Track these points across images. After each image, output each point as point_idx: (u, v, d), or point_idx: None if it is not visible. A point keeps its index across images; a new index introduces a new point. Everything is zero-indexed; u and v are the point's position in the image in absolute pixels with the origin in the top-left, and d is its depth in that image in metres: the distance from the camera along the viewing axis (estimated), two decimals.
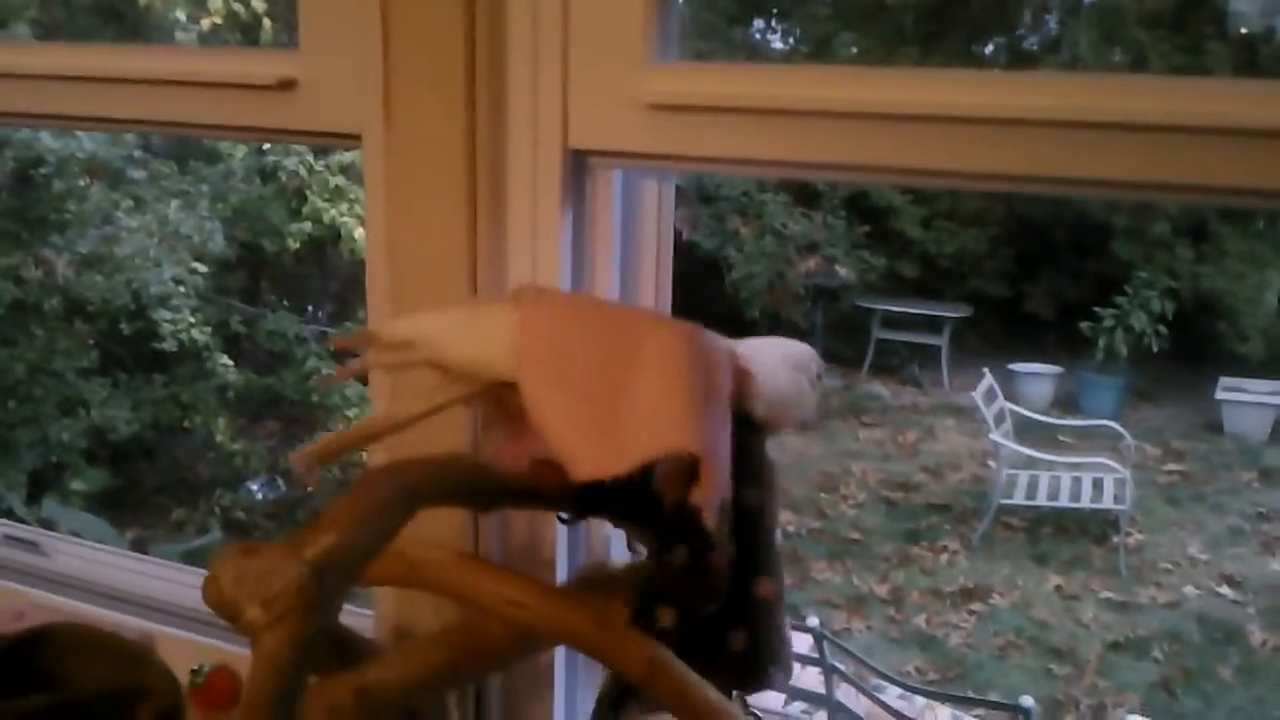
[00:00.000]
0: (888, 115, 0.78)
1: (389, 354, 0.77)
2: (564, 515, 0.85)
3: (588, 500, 0.70)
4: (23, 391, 4.58)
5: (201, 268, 5.21)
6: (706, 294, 9.05)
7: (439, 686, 0.73)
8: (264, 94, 0.95)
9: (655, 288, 0.97)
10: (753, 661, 0.74)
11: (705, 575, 0.68)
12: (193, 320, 4.91)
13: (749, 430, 0.75)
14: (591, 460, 0.62)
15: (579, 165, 0.89)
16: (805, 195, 9.08)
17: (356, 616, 1.12)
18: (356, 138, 0.93)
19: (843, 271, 9.01)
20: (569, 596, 0.66)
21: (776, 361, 0.76)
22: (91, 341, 4.81)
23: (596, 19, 0.84)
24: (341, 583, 0.47)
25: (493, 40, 0.86)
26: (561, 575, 0.94)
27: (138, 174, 4.72)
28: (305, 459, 0.72)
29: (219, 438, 5.47)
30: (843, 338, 9.59)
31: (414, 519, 0.70)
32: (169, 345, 4.86)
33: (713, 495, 0.62)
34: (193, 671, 1.06)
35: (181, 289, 4.91)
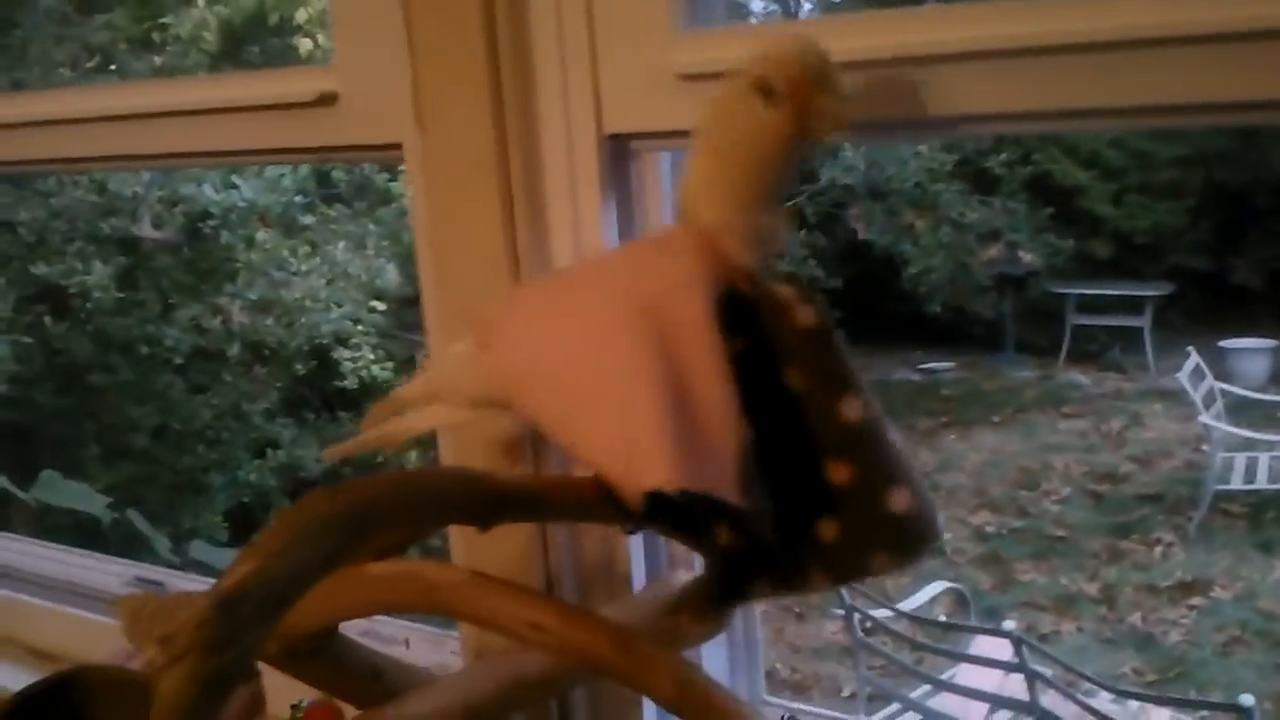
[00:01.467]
0: (971, 54, 0.69)
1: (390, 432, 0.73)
2: (629, 526, 0.80)
3: (586, 505, 0.64)
4: (211, 436, 4.81)
5: (380, 305, 5.37)
6: (885, 292, 8.85)
7: (485, 718, 0.68)
8: (305, 112, 0.93)
9: None
10: (851, 550, 0.64)
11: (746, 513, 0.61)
12: (372, 357, 5.06)
13: (768, 307, 0.64)
14: (629, 477, 0.57)
15: (620, 151, 0.83)
16: (982, 182, 8.77)
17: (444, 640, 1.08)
18: (398, 147, 0.90)
19: (1027, 257, 8.67)
20: (591, 618, 0.60)
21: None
22: (279, 385, 5.03)
23: None
24: (258, 616, 0.42)
25: (515, 26, 0.81)
26: (639, 590, 0.88)
27: (307, 219, 4.93)
28: (336, 455, 0.74)
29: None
30: (1036, 326, 9.21)
31: (484, 531, 0.66)
32: (350, 383, 5.02)
33: (725, 496, 0.56)
34: (292, 707, 1.04)
35: (360, 327, 5.07)
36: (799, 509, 0.65)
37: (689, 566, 0.90)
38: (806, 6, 10.31)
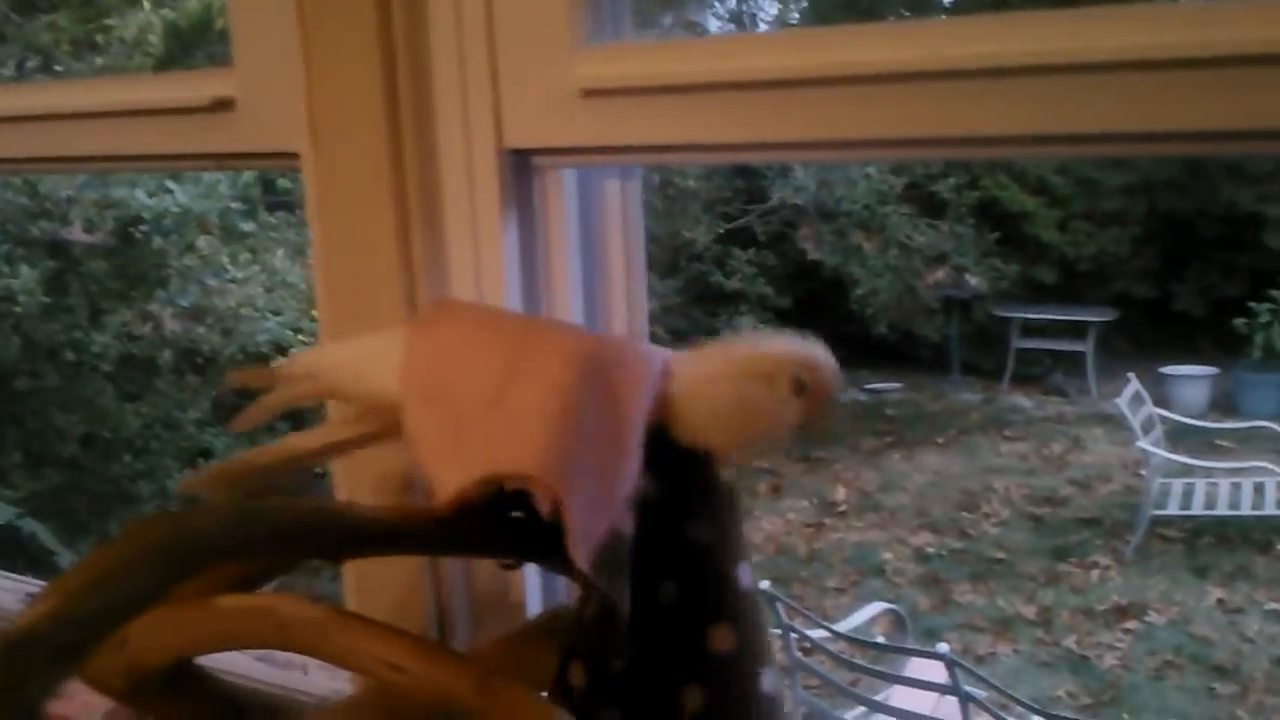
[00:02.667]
0: (856, 78, 0.67)
1: (291, 389, 0.69)
2: (508, 561, 0.77)
3: (451, 536, 0.61)
4: (140, 444, 4.71)
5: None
6: (833, 312, 8.89)
7: None
8: (201, 118, 0.89)
9: (626, 295, 0.87)
10: None
11: (613, 626, 0.57)
12: None
13: (692, 458, 0.64)
14: (442, 482, 0.54)
15: (521, 166, 0.81)
16: (930, 205, 8.85)
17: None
18: (295, 157, 0.86)
19: (973, 281, 8.75)
20: (453, 658, 0.57)
21: (718, 373, 0.65)
22: (214, 392, 4.93)
23: (519, 1, 0.76)
24: (49, 662, 0.39)
25: (412, 36, 0.78)
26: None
27: (248, 226, 4.85)
28: (194, 486, 0.65)
29: None
30: (981, 349, 9.30)
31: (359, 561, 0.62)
32: None
33: (573, 532, 0.53)
34: None
35: (300, 336, 4.99)
36: (666, 674, 0.64)
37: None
38: (763, 28, 10.38)
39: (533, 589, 0.86)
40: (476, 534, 0.59)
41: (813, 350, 0.65)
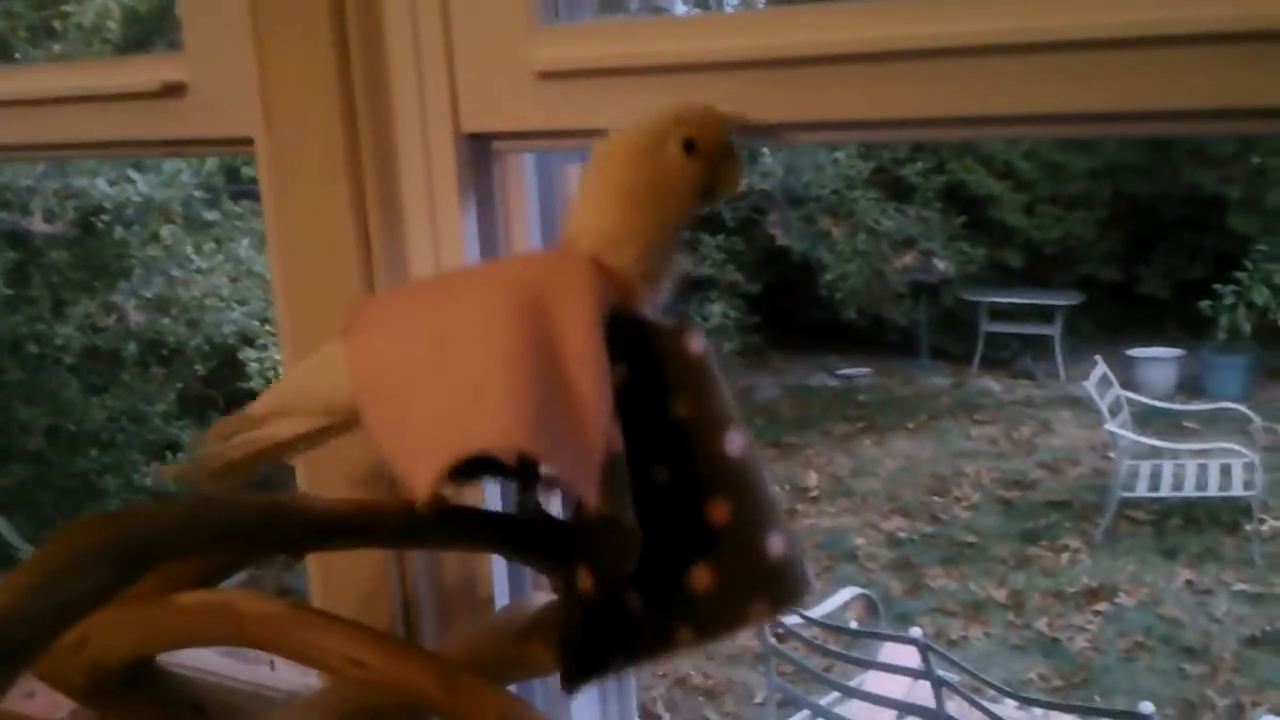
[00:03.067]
0: (818, 59, 0.66)
1: (272, 430, 0.68)
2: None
3: (414, 529, 0.59)
4: (106, 438, 4.65)
5: None
6: (803, 297, 8.90)
7: None
8: (151, 103, 0.87)
9: None
10: (727, 598, 0.61)
11: (623, 534, 0.56)
12: (279, 358, 4.92)
13: (656, 331, 0.62)
14: (410, 475, 0.51)
15: (480, 151, 0.79)
16: (898, 190, 8.87)
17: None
18: (250, 142, 0.84)
19: (941, 265, 8.78)
20: (416, 653, 0.56)
21: (612, 180, 0.64)
22: (179, 385, 4.88)
23: None
24: (6, 658, 0.38)
25: (366, 18, 0.77)
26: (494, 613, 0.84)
27: (212, 215, 4.79)
28: (173, 474, 0.65)
29: None
30: (950, 333, 9.34)
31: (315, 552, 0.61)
32: (257, 384, 4.90)
33: (571, 484, 0.51)
34: None
35: (267, 327, 4.94)
36: (670, 556, 0.61)
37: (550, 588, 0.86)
38: (729, 10, 10.34)
39: (500, 581, 0.85)
40: (440, 526, 0.57)
41: (690, 103, 0.64)
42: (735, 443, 0.61)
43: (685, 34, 0.71)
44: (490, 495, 0.81)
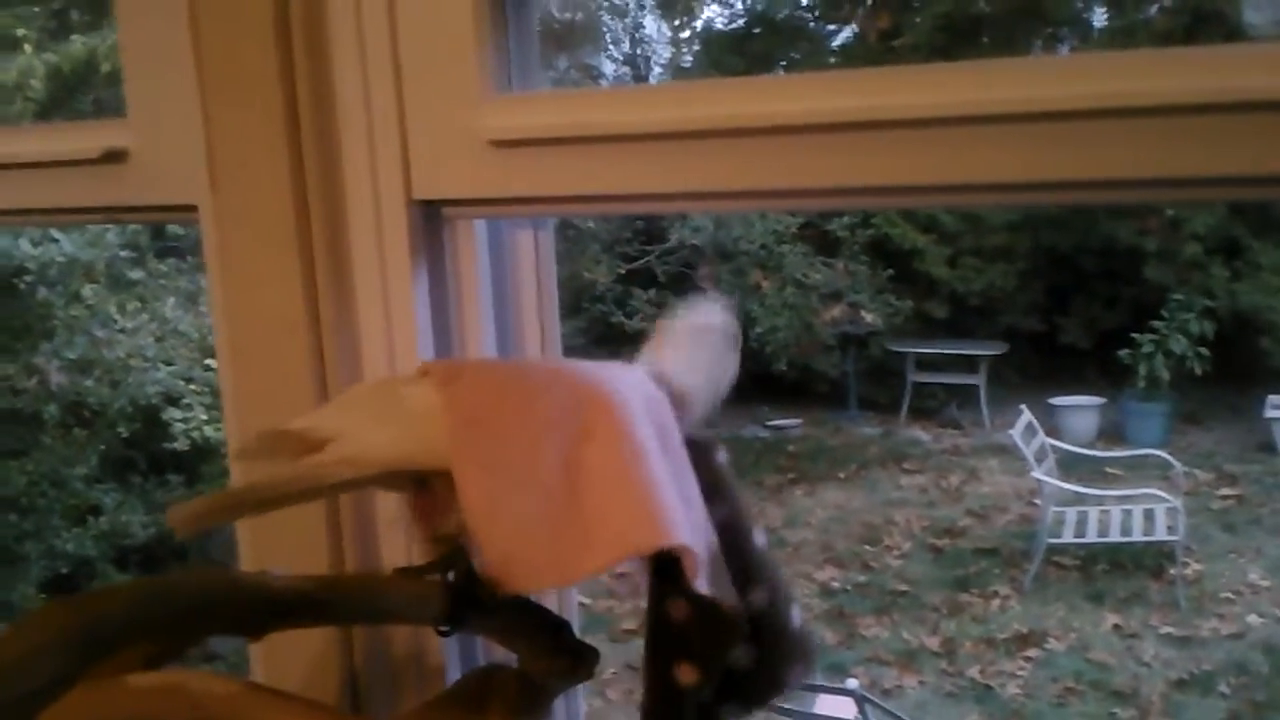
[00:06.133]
0: (750, 130, 0.67)
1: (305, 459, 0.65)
2: (443, 628, 0.74)
3: (378, 604, 0.59)
4: (25, 503, 4.53)
5: (214, 363, 5.16)
6: None
7: None
8: (91, 169, 0.86)
9: (541, 344, 0.86)
10: (767, 671, 0.68)
11: (718, 617, 0.60)
12: (205, 417, 4.83)
13: (694, 446, 0.66)
14: (541, 569, 0.56)
15: (431, 218, 0.79)
16: (825, 244, 9.00)
17: None
18: (193, 209, 0.83)
19: (869, 317, 8.91)
20: None
21: (697, 355, 0.71)
22: (101, 447, 4.76)
23: (426, 52, 0.74)
24: None
25: (316, 84, 0.76)
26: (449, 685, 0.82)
27: (136, 274, 4.71)
28: (189, 521, 0.55)
29: None
30: (878, 384, 9.46)
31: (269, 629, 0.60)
32: (181, 444, 4.79)
33: (695, 572, 0.56)
34: None
35: (192, 386, 4.85)
36: None
37: (504, 658, 0.84)
38: (657, 70, 10.49)
39: (451, 654, 0.83)
40: (416, 601, 0.57)
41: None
42: (760, 537, 0.69)
43: (637, 104, 0.72)
44: None
